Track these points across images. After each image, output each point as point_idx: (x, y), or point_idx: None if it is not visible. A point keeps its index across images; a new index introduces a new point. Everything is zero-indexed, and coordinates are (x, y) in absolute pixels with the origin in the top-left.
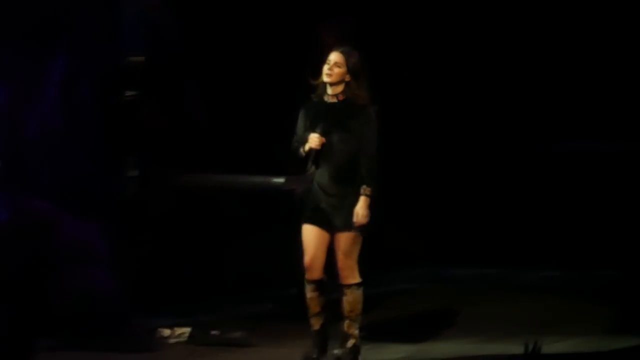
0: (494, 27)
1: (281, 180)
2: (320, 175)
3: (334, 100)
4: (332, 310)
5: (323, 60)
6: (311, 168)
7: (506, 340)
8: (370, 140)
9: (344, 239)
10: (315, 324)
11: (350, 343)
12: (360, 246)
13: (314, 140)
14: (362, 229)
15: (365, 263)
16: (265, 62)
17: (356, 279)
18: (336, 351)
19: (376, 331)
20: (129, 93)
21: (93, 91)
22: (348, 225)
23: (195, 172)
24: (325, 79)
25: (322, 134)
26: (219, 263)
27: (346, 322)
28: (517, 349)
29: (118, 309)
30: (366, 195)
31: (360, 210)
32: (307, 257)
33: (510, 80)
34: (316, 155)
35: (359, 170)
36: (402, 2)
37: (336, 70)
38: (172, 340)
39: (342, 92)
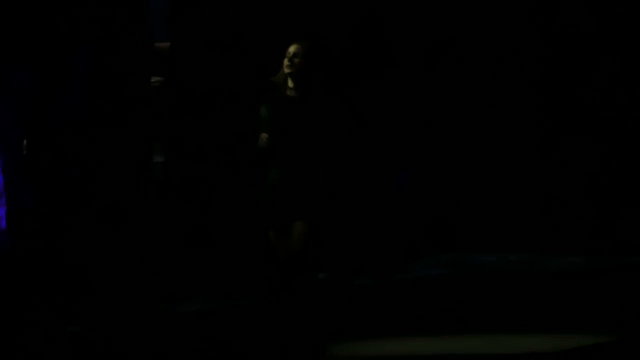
0: None
1: None
2: (281, 170)
3: (295, 93)
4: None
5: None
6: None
7: (526, 334)
8: (328, 131)
9: (300, 226)
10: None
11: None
12: (315, 235)
13: (262, 141)
14: (315, 217)
15: (392, 250)
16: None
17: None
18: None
19: (397, 321)
20: (154, 79)
21: (118, 78)
22: (306, 214)
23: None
24: (286, 70)
25: (282, 129)
26: (244, 250)
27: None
28: (535, 342)
29: (147, 294)
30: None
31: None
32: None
33: None
34: (273, 152)
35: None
36: None
37: (296, 61)
38: None
39: (303, 84)
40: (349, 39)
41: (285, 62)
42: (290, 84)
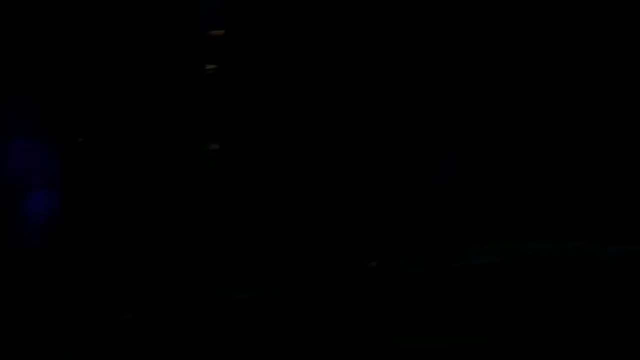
0: None
1: None
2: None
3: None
4: None
5: None
6: None
7: (578, 324)
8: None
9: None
10: None
11: None
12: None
13: None
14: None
15: (446, 237)
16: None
17: None
18: None
19: (448, 311)
20: (208, 67)
21: (170, 67)
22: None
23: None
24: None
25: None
26: (298, 237)
27: None
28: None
29: (202, 282)
30: None
31: None
32: None
33: None
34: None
35: None
36: None
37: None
38: None
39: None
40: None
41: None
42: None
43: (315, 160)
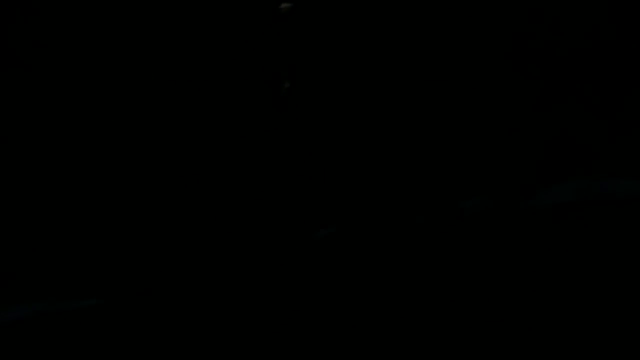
0: None
1: None
2: None
3: None
4: None
5: None
6: None
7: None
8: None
9: None
10: None
11: None
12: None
13: None
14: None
15: (518, 175)
16: None
17: None
18: None
19: (516, 253)
20: (283, 5)
21: (243, 4)
22: None
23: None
24: None
25: None
26: (371, 174)
27: None
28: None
29: (286, 220)
30: None
31: None
32: None
33: None
34: None
35: None
36: None
37: None
38: None
39: None
40: None
41: None
42: None
43: (389, 99)
